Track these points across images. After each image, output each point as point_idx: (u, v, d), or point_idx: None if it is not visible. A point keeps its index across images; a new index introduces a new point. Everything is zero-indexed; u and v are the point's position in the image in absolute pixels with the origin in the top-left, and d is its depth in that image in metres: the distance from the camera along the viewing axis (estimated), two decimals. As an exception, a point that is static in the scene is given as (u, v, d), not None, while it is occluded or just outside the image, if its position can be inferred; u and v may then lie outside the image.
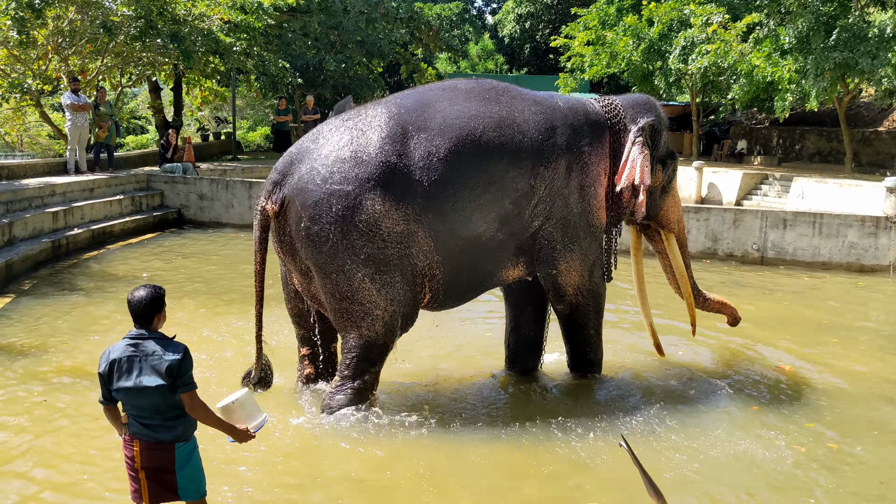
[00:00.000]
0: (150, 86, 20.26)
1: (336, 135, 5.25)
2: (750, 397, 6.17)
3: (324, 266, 5.13)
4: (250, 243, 5.61)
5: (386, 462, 4.86)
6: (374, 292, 5.14)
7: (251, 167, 17.67)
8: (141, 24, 14.21)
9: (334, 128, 5.32)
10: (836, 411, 5.94)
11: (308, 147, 5.28)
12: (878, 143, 21.76)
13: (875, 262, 11.53)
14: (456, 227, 5.28)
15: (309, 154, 5.21)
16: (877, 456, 5.22)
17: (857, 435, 5.51)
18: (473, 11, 39.51)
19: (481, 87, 5.70)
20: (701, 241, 12.15)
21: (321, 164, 5.12)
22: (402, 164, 5.13)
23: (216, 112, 29.07)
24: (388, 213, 5.07)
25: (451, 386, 6.19)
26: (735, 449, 5.18)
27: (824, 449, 5.27)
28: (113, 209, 12.59)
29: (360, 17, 22.23)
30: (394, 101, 5.50)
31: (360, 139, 5.18)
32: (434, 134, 5.23)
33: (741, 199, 18.78)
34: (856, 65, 16.86)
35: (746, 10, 20.04)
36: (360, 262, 5.09)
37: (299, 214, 5.09)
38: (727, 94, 20.82)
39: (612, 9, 23.30)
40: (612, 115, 6.06)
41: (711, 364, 7.03)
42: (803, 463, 5.04)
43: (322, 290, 5.24)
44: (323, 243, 5.06)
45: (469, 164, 5.26)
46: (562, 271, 5.77)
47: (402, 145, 5.17)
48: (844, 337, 8.07)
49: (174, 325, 7.56)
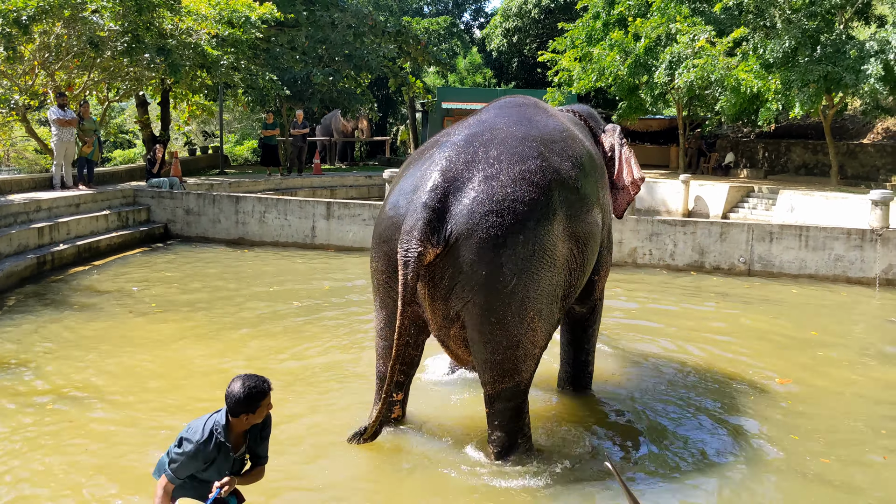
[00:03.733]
0: (137, 100, 20.20)
1: (481, 155, 4.77)
2: (738, 411, 6.17)
3: (497, 309, 4.53)
4: (238, 259, 5.57)
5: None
6: (540, 330, 4.74)
7: (238, 181, 17.64)
8: (128, 38, 14.18)
9: (463, 147, 4.83)
10: (825, 425, 5.95)
11: (458, 173, 4.66)
12: (863, 156, 21.94)
13: (861, 274, 11.59)
14: (586, 240, 5.10)
15: (468, 182, 4.62)
16: (869, 472, 5.23)
17: (846, 450, 5.53)
18: (461, 26, 39.67)
19: (534, 104, 5.71)
20: (688, 255, 12.19)
21: (495, 192, 4.56)
22: (559, 182, 4.85)
23: (203, 126, 29.05)
24: (561, 235, 4.77)
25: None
26: (721, 465, 5.17)
27: (816, 463, 5.27)
28: (99, 224, 12.52)
29: (348, 31, 22.28)
30: (497, 115, 5.29)
31: (513, 159, 4.76)
32: (556, 153, 5.03)
33: (728, 212, 18.88)
34: (840, 79, 17.04)
35: (732, 25, 20.19)
36: (537, 297, 4.62)
37: (478, 252, 4.48)
38: (713, 107, 20.97)
39: (599, 23, 23.46)
40: (587, 122, 6.36)
41: (698, 378, 7.02)
42: (789, 478, 5.04)
43: (483, 338, 4.64)
44: (507, 282, 4.49)
45: (585, 180, 5.18)
46: (602, 275, 6.02)
47: (552, 164, 4.90)
48: (829, 350, 8.09)
49: (157, 344, 7.52)
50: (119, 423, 5.58)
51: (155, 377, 6.59)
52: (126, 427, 5.50)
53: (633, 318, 9.05)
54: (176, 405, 5.94)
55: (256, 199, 13.79)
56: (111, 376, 6.55)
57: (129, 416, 5.70)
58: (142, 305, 8.99)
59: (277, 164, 19.77)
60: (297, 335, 7.93)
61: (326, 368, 6.89)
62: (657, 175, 22.89)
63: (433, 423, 5.60)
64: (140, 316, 8.52)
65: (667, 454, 5.32)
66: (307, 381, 6.52)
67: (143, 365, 6.88)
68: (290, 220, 13.49)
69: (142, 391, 6.24)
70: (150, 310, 8.79)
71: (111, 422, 5.60)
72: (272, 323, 8.38)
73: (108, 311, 8.67)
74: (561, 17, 28.77)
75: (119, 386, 6.32)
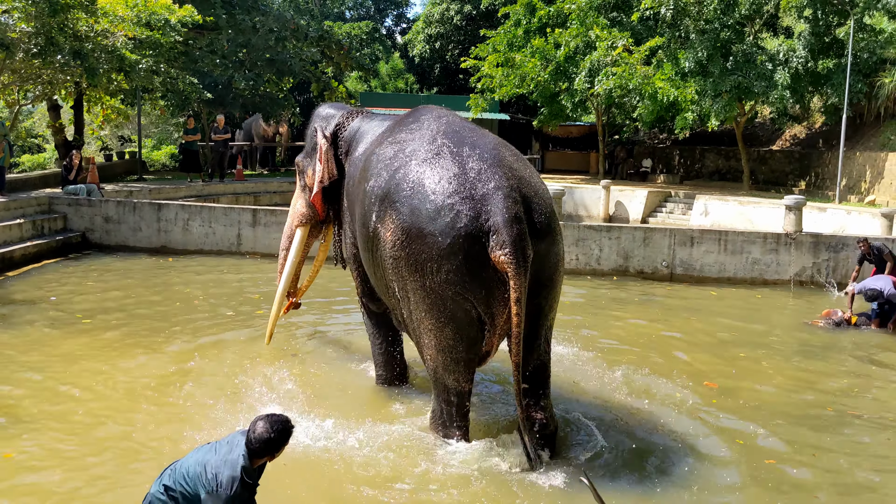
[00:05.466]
0: (48, 104, 19.44)
1: (508, 161, 5.19)
2: (681, 417, 6.33)
3: (559, 281, 5.29)
4: (160, 268, 5.44)
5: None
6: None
7: (158, 188, 17.17)
8: (41, 40, 13.64)
9: (490, 154, 5.15)
10: (765, 427, 6.16)
11: (519, 172, 5.12)
12: (773, 162, 22.87)
13: (777, 276, 12.08)
14: None
15: (526, 182, 5.08)
16: (813, 472, 5.45)
17: (788, 450, 5.75)
18: (383, 31, 39.61)
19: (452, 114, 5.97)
20: (613, 259, 12.46)
21: (542, 192, 5.21)
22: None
23: (118, 130, 28.13)
24: None
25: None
26: (678, 472, 5.30)
27: (762, 466, 5.47)
28: (12, 234, 12.00)
29: (269, 35, 21.95)
30: (446, 124, 5.61)
31: (523, 165, 5.39)
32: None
33: (647, 217, 19.40)
34: (751, 87, 17.75)
35: (648, 35, 20.77)
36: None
37: (555, 237, 5.14)
38: (632, 114, 21.52)
39: (520, 31, 23.77)
40: None
41: (646, 387, 7.17)
42: (747, 481, 5.23)
43: (550, 310, 5.27)
44: (562, 264, 5.35)
45: None
46: None
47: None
48: (751, 351, 8.40)
49: (73, 357, 7.27)
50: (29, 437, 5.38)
51: (69, 391, 6.41)
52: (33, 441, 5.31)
53: (561, 325, 9.18)
54: (91, 422, 5.81)
55: (180, 206, 13.46)
56: (23, 390, 6.35)
57: (35, 432, 5.53)
58: (58, 317, 8.68)
59: (199, 169, 19.33)
60: (226, 345, 7.78)
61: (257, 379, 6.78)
62: (578, 180, 23.34)
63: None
64: (56, 328, 8.23)
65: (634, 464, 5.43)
66: (240, 397, 6.40)
67: (56, 378, 6.68)
68: (214, 228, 13.22)
69: (54, 404, 6.09)
70: (67, 322, 8.50)
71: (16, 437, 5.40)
72: (198, 334, 8.20)
73: (22, 323, 8.33)
74: (483, 25, 29.01)
75: (32, 400, 6.13)
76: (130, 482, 4.79)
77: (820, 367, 7.99)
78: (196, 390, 6.47)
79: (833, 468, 5.51)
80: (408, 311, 5.17)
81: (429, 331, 5.04)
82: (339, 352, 7.82)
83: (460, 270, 4.78)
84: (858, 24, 17.50)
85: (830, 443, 5.94)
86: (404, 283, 5.04)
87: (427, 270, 4.85)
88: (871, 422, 6.47)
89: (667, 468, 5.33)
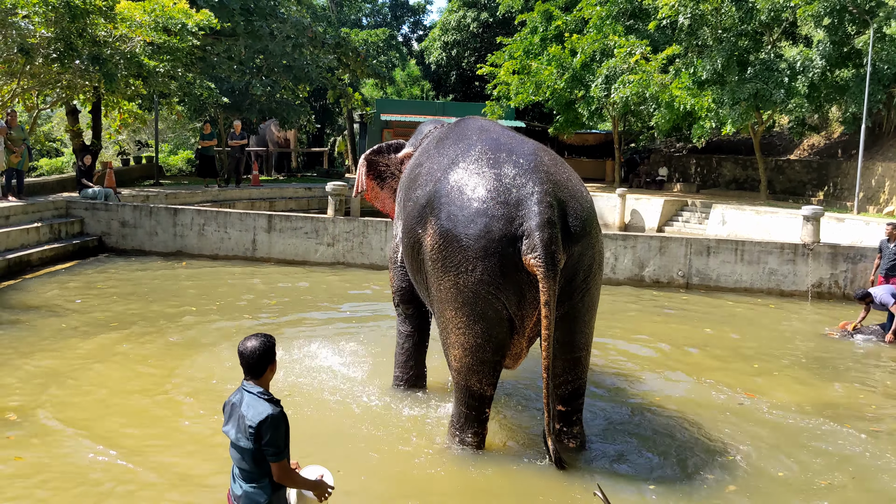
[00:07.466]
0: (67, 108, 19.58)
1: (546, 164, 5.25)
2: (698, 428, 6.28)
3: (596, 285, 5.31)
4: (176, 272, 5.44)
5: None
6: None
7: (175, 193, 17.27)
8: (60, 45, 13.75)
9: (527, 159, 5.22)
10: (782, 438, 6.09)
11: (556, 176, 5.17)
12: (790, 172, 22.72)
13: (794, 287, 11.97)
14: None
15: (562, 186, 5.14)
16: (832, 490, 5.38)
17: (807, 464, 5.68)
18: (399, 38, 39.72)
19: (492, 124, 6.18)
20: (628, 268, 12.40)
21: (582, 196, 5.27)
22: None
23: (136, 135, 28.31)
24: None
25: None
26: (694, 486, 5.23)
27: (776, 479, 5.39)
28: (30, 237, 12.09)
29: (287, 41, 22.03)
30: (484, 130, 5.82)
31: (560, 167, 5.48)
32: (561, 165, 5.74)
33: (663, 226, 19.31)
34: (769, 96, 17.63)
35: (666, 44, 20.71)
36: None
37: (591, 241, 5.17)
38: (648, 122, 21.47)
39: (537, 38, 23.78)
40: None
41: (662, 396, 7.14)
42: (764, 495, 5.15)
43: (587, 314, 5.32)
44: (601, 271, 5.37)
45: None
46: None
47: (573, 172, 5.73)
48: (766, 362, 8.32)
49: (91, 360, 7.28)
50: (50, 437, 5.38)
51: (84, 395, 6.41)
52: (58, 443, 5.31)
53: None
54: (111, 426, 5.78)
55: (196, 211, 13.51)
56: (38, 392, 6.35)
57: (48, 436, 5.51)
58: (74, 320, 8.70)
59: (215, 175, 19.43)
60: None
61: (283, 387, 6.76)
62: (593, 188, 23.27)
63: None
64: (72, 331, 8.25)
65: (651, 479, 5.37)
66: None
67: (72, 381, 6.68)
68: (230, 233, 13.26)
69: (70, 408, 6.09)
70: (83, 325, 8.52)
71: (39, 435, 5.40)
72: (213, 338, 8.21)
73: (40, 327, 8.37)
74: (499, 32, 29.09)
75: (47, 403, 6.13)
76: (151, 486, 4.79)
77: (837, 379, 7.89)
78: (216, 394, 6.47)
79: (859, 482, 5.43)
80: (440, 311, 5.26)
81: (458, 329, 5.12)
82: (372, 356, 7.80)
83: (494, 271, 4.92)
84: (878, 33, 17.36)
85: (850, 455, 5.86)
86: (440, 284, 5.16)
87: (462, 270, 4.99)
88: (890, 434, 6.37)
89: (682, 481, 5.27)
